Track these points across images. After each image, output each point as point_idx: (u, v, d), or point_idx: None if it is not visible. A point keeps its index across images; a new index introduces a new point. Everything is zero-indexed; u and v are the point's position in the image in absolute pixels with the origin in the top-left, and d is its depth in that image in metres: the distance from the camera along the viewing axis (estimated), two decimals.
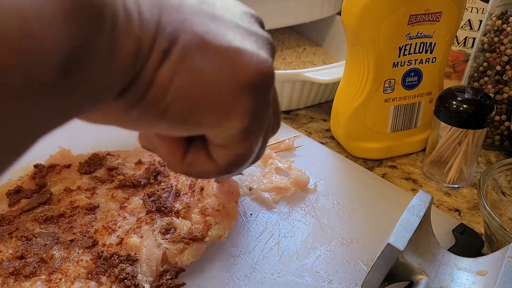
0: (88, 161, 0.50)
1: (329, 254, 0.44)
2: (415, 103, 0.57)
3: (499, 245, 0.40)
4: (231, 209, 0.45)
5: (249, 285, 0.40)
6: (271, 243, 0.45)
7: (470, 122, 0.50)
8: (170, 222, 0.42)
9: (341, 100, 0.59)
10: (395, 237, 0.35)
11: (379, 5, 0.49)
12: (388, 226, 0.40)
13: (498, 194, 0.47)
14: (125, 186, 0.46)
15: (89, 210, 0.43)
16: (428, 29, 0.52)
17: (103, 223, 0.42)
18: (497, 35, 0.57)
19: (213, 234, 0.42)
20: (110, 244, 0.40)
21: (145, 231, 0.41)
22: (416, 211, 0.38)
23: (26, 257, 0.38)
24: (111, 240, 0.40)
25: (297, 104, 0.70)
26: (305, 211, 0.49)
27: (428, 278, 0.36)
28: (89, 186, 0.46)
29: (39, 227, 0.41)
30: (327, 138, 0.64)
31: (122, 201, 0.44)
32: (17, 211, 0.43)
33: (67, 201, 0.44)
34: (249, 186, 0.51)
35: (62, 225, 0.42)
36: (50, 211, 0.42)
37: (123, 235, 0.41)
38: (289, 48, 0.84)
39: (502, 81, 0.58)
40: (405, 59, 0.53)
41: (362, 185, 0.53)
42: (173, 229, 0.41)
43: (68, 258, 0.39)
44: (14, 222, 0.42)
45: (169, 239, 0.40)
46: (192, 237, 0.40)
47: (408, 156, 0.61)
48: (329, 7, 0.81)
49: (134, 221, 0.42)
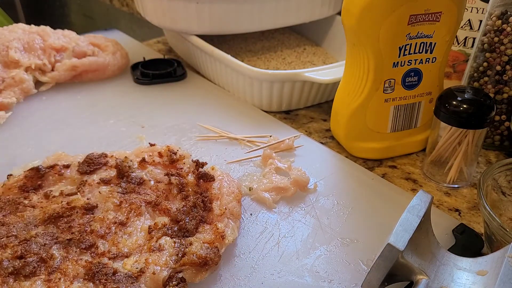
0: (88, 161, 0.50)
1: (329, 254, 0.44)
2: (415, 103, 0.57)
3: (499, 245, 0.40)
4: (233, 209, 0.45)
5: (249, 285, 0.40)
6: (271, 243, 0.45)
7: (470, 122, 0.50)
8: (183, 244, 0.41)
9: (341, 100, 0.59)
10: (395, 237, 0.35)
11: (379, 5, 0.49)
12: (388, 226, 0.40)
13: (498, 194, 0.47)
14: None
15: (87, 210, 0.43)
16: (428, 29, 0.52)
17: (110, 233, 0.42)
18: (497, 35, 0.57)
19: (230, 240, 0.42)
20: (113, 256, 0.40)
21: (157, 255, 0.39)
22: (416, 211, 0.38)
23: (26, 257, 0.38)
24: (113, 251, 0.40)
25: (297, 104, 0.70)
26: (305, 211, 0.49)
27: (428, 278, 0.36)
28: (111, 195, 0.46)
29: (38, 227, 0.41)
30: (327, 138, 0.64)
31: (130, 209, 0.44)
32: (17, 211, 0.43)
33: (79, 201, 0.44)
34: (249, 186, 0.51)
35: (60, 225, 0.42)
36: (50, 211, 0.42)
37: (131, 253, 0.40)
38: (289, 48, 0.84)
39: (502, 81, 0.58)
40: (405, 59, 0.53)
41: (362, 185, 0.53)
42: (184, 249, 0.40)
43: (67, 257, 0.39)
44: (13, 222, 0.42)
45: (182, 262, 0.39)
46: (207, 260, 0.39)
47: (408, 156, 0.61)
48: (329, 7, 0.81)
49: (142, 236, 0.42)
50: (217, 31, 0.74)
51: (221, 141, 0.61)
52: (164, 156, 0.51)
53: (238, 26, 0.74)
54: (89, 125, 0.64)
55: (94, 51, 0.76)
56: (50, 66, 0.71)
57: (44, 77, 0.71)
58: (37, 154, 0.56)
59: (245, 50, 0.83)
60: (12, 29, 0.74)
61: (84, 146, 0.59)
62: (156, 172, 0.49)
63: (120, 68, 0.77)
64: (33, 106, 0.67)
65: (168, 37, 0.90)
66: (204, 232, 0.42)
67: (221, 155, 0.58)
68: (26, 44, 0.71)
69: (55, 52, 0.73)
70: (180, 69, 0.78)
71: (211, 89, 0.75)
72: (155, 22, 0.77)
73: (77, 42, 0.76)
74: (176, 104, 0.70)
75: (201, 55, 0.75)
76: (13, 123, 0.63)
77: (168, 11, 0.73)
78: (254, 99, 0.69)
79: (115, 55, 0.76)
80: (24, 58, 0.69)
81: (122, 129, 0.63)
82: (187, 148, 0.59)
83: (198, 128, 0.63)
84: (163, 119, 0.65)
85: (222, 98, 0.72)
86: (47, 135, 0.61)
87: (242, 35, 0.86)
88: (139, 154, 0.52)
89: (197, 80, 0.77)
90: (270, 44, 0.85)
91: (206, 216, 0.44)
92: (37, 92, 0.70)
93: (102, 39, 0.80)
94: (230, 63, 0.68)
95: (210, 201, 0.46)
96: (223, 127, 0.63)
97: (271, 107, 0.69)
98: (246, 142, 0.60)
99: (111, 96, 0.71)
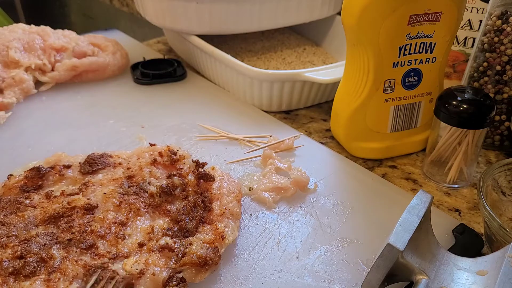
0: (89, 161, 0.50)
1: (329, 254, 0.44)
2: (415, 103, 0.57)
3: (499, 245, 0.40)
4: (233, 209, 0.45)
5: (249, 285, 0.40)
6: (271, 243, 0.45)
7: (470, 122, 0.50)
8: (184, 244, 0.41)
9: (341, 100, 0.59)
10: (395, 237, 0.35)
11: (379, 5, 0.49)
12: (388, 226, 0.40)
13: (498, 194, 0.47)
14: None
15: (87, 210, 0.43)
16: (428, 29, 0.52)
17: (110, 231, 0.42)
18: (497, 35, 0.57)
19: (230, 240, 0.42)
20: (113, 256, 0.40)
21: (156, 257, 0.39)
22: (416, 211, 0.38)
23: (26, 257, 0.38)
24: (113, 251, 0.40)
25: (297, 104, 0.70)
26: (305, 211, 0.49)
27: (428, 278, 0.36)
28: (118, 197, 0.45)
29: (38, 227, 0.41)
30: (327, 138, 0.64)
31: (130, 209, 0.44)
32: (17, 210, 0.43)
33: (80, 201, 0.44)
34: (249, 186, 0.51)
35: (61, 225, 0.42)
36: (50, 211, 0.42)
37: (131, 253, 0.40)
38: (289, 48, 0.84)
39: (502, 81, 0.58)
40: (405, 59, 0.53)
41: (362, 185, 0.53)
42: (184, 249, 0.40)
43: (67, 257, 0.39)
44: (13, 222, 0.42)
45: (182, 262, 0.39)
46: (207, 260, 0.39)
47: (408, 156, 0.61)
48: (329, 7, 0.81)
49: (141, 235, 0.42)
50: (217, 31, 0.74)
51: (221, 141, 0.61)
52: (164, 156, 0.51)
53: (238, 26, 0.74)
54: (89, 125, 0.64)
55: (94, 51, 0.76)
56: (50, 66, 0.72)
57: (44, 77, 0.71)
58: (37, 154, 0.56)
59: (245, 50, 0.83)
60: (12, 29, 0.74)
61: (84, 146, 0.59)
62: (158, 172, 0.49)
63: (120, 68, 0.77)
64: (33, 106, 0.67)
65: (168, 37, 0.90)
66: (204, 232, 0.42)
67: (221, 155, 0.58)
68: (26, 44, 0.71)
69: (55, 52, 0.73)
70: (180, 69, 0.78)
71: (211, 89, 0.75)
72: (155, 22, 0.77)
73: (77, 42, 0.76)
74: (176, 104, 0.70)
75: (201, 55, 0.75)
76: (13, 123, 0.63)
77: (168, 11, 0.73)
78: (254, 99, 0.69)
79: (115, 55, 0.76)
80: (24, 58, 0.69)
81: (122, 129, 0.63)
82: (187, 148, 0.59)
83: (198, 128, 0.63)
84: (163, 119, 0.65)
85: (222, 98, 0.72)
86: (47, 135, 0.61)
87: (242, 35, 0.86)
88: (140, 154, 0.52)
89: (197, 80, 0.77)
90: (270, 44, 0.85)
91: (206, 216, 0.44)
92: (37, 92, 0.70)
93: (102, 39, 0.80)
94: (230, 63, 0.68)
95: (210, 201, 0.46)
96: (223, 127, 0.63)
97: (271, 107, 0.69)
98: (246, 142, 0.60)
99: (111, 96, 0.71)
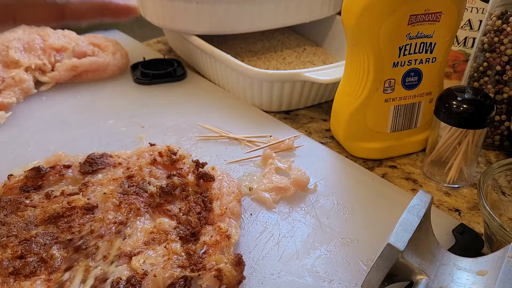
0: (90, 161, 0.50)
1: (329, 254, 0.44)
2: (415, 103, 0.57)
3: (499, 245, 0.40)
4: (234, 208, 0.45)
5: (249, 285, 0.40)
6: (271, 243, 0.45)
7: (470, 122, 0.50)
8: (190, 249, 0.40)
9: (341, 100, 0.59)
10: (395, 237, 0.35)
11: (379, 5, 0.49)
12: (388, 226, 0.40)
13: (498, 194, 0.47)
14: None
15: (87, 210, 0.43)
16: (428, 29, 0.52)
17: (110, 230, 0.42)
18: (497, 35, 0.57)
19: (236, 239, 0.42)
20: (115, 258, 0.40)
21: (162, 263, 0.39)
22: (416, 211, 0.38)
23: (26, 257, 0.38)
24: (114, 251, 0.40)
25: (297, 104, 0.70)
26: (305, 211, 0.49)
27: (428, 278, 0.36)
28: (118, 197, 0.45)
29: (38, 227, 0.41)
30: (327, 138, 0.64)
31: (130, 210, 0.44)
32: (17, 210, 0.43)
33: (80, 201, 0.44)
34: (249, 186, 0.51)
35: (61, 225, 0.42)
36: (50, 211, 0.42)
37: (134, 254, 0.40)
38: (289, 48, 0.84)
39: (502, 81, 0.58)
40: (405, 59, 0.53)
41: (362, 185, 0.53)
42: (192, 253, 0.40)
43: (67, 257, 0.39)
44: (14, 222, 0.42)
45: (192, 269, 0.39)
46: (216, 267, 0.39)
47: (408, 156, 0.61)
48: (329, 7, 0.81)
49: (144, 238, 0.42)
50: (217, 31, 0.74)
51: (221, 141, 0.61)
52: (164, 156, 0.51)
53: (238, 26, 0.74)
54: (89, 125, 0.64)
55: (94, 51, 0.76)
56: (50, 66, 0.71)
57: (44, 77, 0.71)
58: (37, 154, 0.56)
59: (245, 50, 0.83)
60: (12, 29, 0.74)
61: (84, 146, 0.59)
62: (158, 172, 0.49)
63: (120, 68, 0.77)
64: (33, 106, 0.67)
65: (168, 37, 0.90)
66: (207, 234, 0.42)
67: (221, 155, 0.58)
68: (26, 44, 0.71)
69: (55, 52, 0.73)
70: (180, 69, 0.78)
71: (211, 89, 0.75)
72: (155, 22, 0.77)
73: (77, 42, 0.76)
74: (176, 104, 0.70)
75: (201, 55, 0.75)
76: (13, 123, 0.63)
77: (168, 11, 0.73)
78: (254, 99, 0.69)
79: (115, 55, 0.76)
80: (24, 58, 0.69)
81: (122, 129, 0.63)
82: (187, 148, 0.59)
83: (198, 128, 0.63)
84: (163, 119, 0.65)
85: (222, 98, 0.72)
86: (47, 135, 0.61)
87: (242, 35, 0.86)
88: (139, 154, 0.52)
89: (197, 80, 0.77)
90: (270, 44, 0.85)
91: (207, 217, 0.44)
92: (37, 92, 0.70)
93: (102, 39, 0.80)
94: (230, 63, 0.68)
95: (210, 201, 0.46)
96: (223, 127, 0.63)
97: (271, 107, 0.69)
98: (246, 142, 0.60)
99: (111, 96, 0.71)
